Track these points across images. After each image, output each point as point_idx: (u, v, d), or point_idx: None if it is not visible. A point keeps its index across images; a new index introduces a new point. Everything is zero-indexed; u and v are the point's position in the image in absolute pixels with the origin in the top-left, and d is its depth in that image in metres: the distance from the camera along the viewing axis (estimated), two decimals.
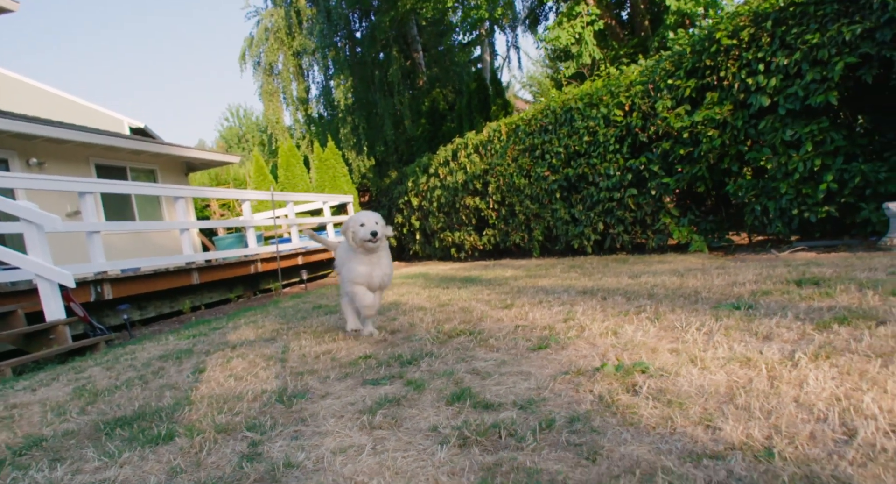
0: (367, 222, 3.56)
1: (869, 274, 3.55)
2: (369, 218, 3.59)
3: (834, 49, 5.63)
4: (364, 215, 3.61)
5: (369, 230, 3.50)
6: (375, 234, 3.49)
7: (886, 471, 1.20)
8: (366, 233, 3.50)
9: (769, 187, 6.59)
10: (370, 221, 3.57)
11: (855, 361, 1.87)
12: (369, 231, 3.50)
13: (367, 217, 3.59)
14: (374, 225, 3.54)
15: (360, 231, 3.54)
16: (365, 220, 3.56)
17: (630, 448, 1.48)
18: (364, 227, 3.54)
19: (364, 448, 1.73)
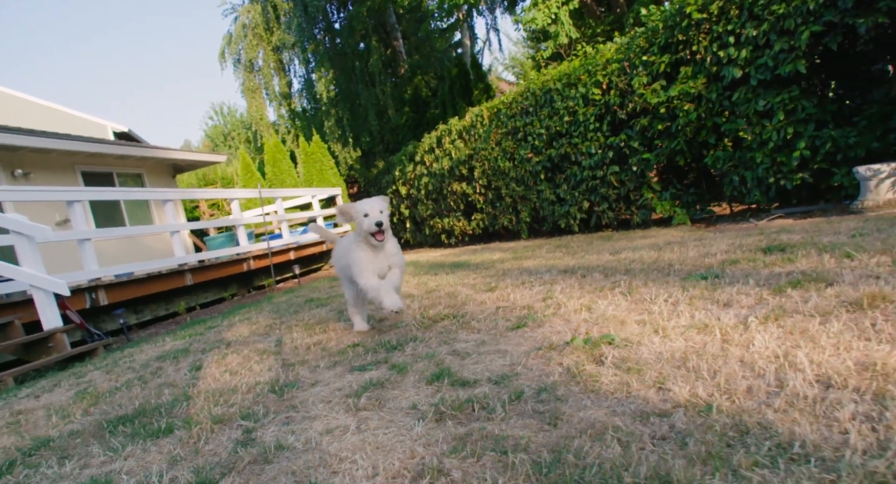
0: (370, 212, 3.22)
1: (832, 238, 3.70)
2: (373, 206, 3.24)
3: (800, 18, 5.74)
4: (367, 204, 3.25)
5: (374, 221, 3.18)
6: (381, 224, 3.17)
7: (802, 414, 1.34)
8: (370, 224, 3.18)
9: (745, 157, 6.72)
10: (374, 210, 3.22)
11: (799, 321, 2.02)
12: (374, 222, 3.17)
13: (370, 205, 3.24)
14: (379, 214, 3.22)
15: (364, 222, 3.22)
16: (368, 209, 3.22)
17: (589, 412, 1.62)
18: (368, 218, 3.21)
19: (349, 428, 1.87)
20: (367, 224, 3.21)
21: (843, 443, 1.19)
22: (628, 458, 1.31)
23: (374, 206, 3.25)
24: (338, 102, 15.62)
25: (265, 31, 16.36)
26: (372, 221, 3.18)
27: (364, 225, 3.23)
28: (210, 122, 31.59)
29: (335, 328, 3.94)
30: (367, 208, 3.23)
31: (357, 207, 3.26)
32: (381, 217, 3.21)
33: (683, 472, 1.19)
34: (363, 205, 3.26)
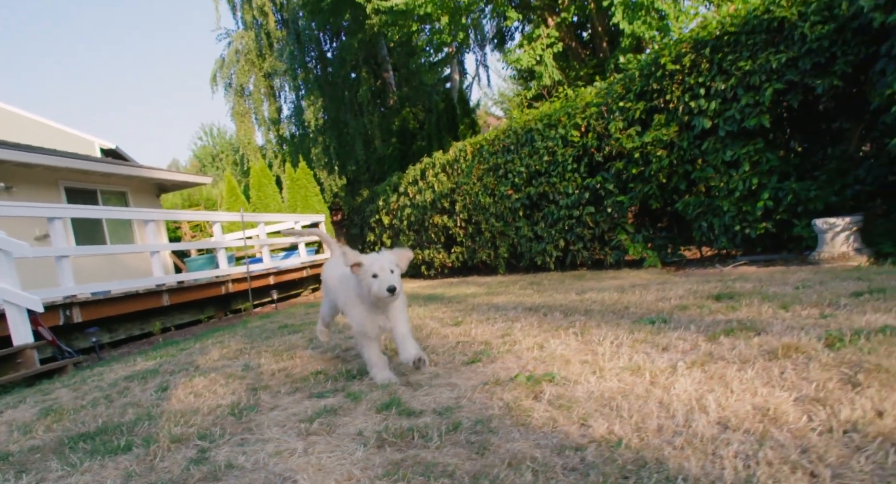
0: (380, 272, 2.68)
1: (779, 288, 3.91)
2: (383, 265, 2.71)
3: (764, 75, 6.08)
4: (375, 261, 2.73)
5: (386, 284, 2.64)
6: (394, 290, 2.64)
7: (695, 452, 1.50)
8: (381, 289, 2.65)
9: (714, 205, 6.99)
10: (385, 270, 2.69)
11: (720, 367, 2.19)
12: (386, 286, 2.64)
13: (379, 264, 2.71)
14: (391, 275, 2.69)
15: (373, 285, 2.68)
16: (377, 269, 2.69)
17: (515, 444, 1.77)
18: (378, 280, 2.67)
19: (297, 451, 2.00)
20: (376, 287, 2.67)
21: (719, 476, 1.35)
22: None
23: (385, 264, 2.71)
24: (326, 130, 15.92)
25: (257, 57, 16.71)
26: (383, 286, 2.64)
27: (373, 288, 2.69)
28: (199, 142, 31.83)
29: (302, 355, 4.05)
30: (375, 267, 2.70)
31: (364, 265, 2.74)
32: (393, 279, 2.67)
33: None
34: (372, 263, 2.73)
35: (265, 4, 15.73)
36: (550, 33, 10.89)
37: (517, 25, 14.63)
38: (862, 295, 3.17)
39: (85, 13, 73.49)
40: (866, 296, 3.13)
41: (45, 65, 74.16)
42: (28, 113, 15.03)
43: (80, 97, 79.41)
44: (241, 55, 17.06)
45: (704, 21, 6.89)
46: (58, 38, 74.34)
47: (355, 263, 2.77)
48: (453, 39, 11.52)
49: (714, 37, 6.55)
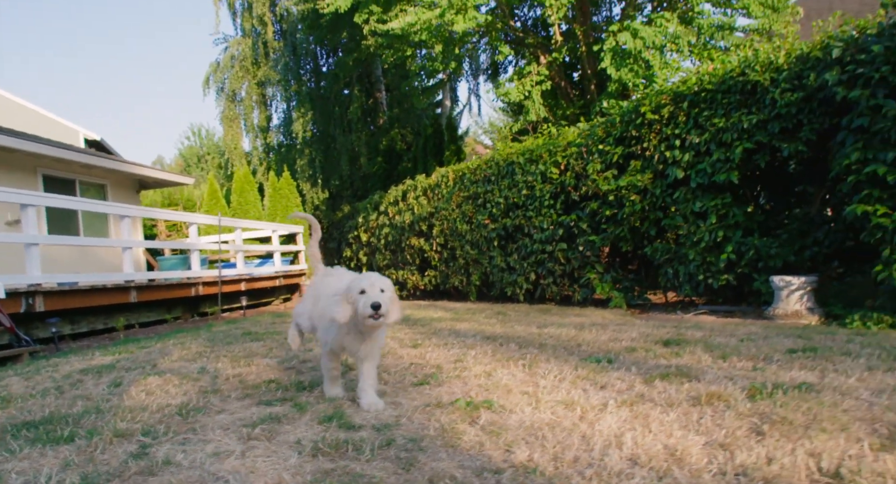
0: (368, 289, 2.56)
1: (725, 339, 4.08)
2: (373, 283, 2.60)
3: (735, 134, 6.35)
4: (366, 279, 2.62)
5: (371, 301, 2.50)
6: (378, 307, 2.49)
7: (600, 482, 1.62)
8: (365, 305, 2.51)
9: (680, 252, 7.21)
10: (374, 288, 2.57)
11: (647, 409, 2.32)
12: (370, 302, 2.50)
13: (369, 281, 2.60)
14: (380, 293, 2.56)
15: (360, 302, 2.55)
16: (366, 286, 2.57)
17: (440, 463, 1.87)
18: (364, 296, 2.55)
19: (234, 453, 2.08)
20: (361, 305, 2.53)
21: None
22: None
23: (375, 283, 2.60)
24: (313, 143, 16.06)
25: (252, 65, 16.89)
26: (368, 301, 2.50)
27: (359, 306, 2.55)
28: (186, 141, 31.79)
29: (259, 363, 4.11)
30: (364, 284, 2.59)
31: (353, 283, 2.63)
32: (381, 297, 2.54)
33: None
34: (361, 280, 2.63)
35: (265, 14, 15.98)
36: (541, 71, 11.21)
37: (511, 59, 15.00)
38: (796, 352, 3.34)
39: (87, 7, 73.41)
40: (799, 353, 3.30)
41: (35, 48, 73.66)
42: (13, 96, 14.95)
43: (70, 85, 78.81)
44: (237, 61, 17.23)
45: (686, 77, 7.18)
46: (53, 25, 74.00)
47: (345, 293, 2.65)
48: (445, 67, 11.79)
49: (692, 92, 6.83)
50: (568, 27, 12.44)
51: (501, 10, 11.51)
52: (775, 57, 6.12)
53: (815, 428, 1.94)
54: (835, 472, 1.59)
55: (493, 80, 17.39)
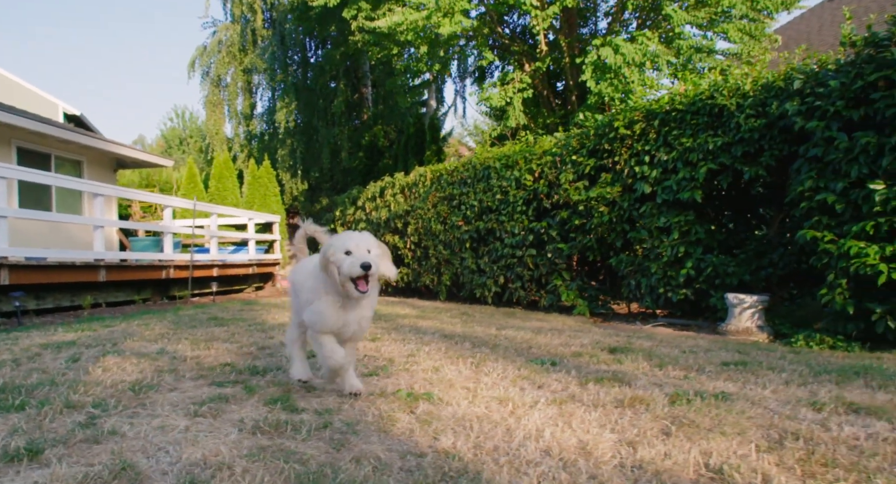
0: (354, 249, 2.39)
1: (669, 350, 4.28)
2: (358, 243, 2.43)
3: (701, 154, 6.57)
4: (349, 238, 2.44)
5: (359, 261, 2.32)
6: (368, 267, 2.33)
7: (510, 470, 1.78)
8: (352, 266, 2.34)
9: (643, 265, 7.42)
10: (360, 248, 2.41)
11: (574, 408, 2.48)
12: (359, 263, 2.32)
13: (354, 241, 2.43)
14: (367, 254, 2.40)
15: (344, 263, 2.37)
16: (352, 246, 2.40)
17: (370, 446, 2.01)
18: (351, 257, 2.37)
19: (178, 427, 2.20)
20: (347, 265, 2.35)
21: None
22: (368, 478, 1.70)
23: (360, 242, 2.42)
24: (295, 134, 16.08)
25: (240, 51, 16.84)
26: (356, 262, 2.32)
27: (344, 266, 2.36)
28: (169, 123, 31.50)
29: (219, 347, 4.21)
30: (349, 244, 2.41)
31: (335, 241, 2.45)
32: (369, 258, 2.36)
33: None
34: (344, 239, 2.44)
35: (255, 2, 15.96)
36: (523, 79, 11.39)
37: (497, 64, 15.16)
38: (728, 365, 3.54)
39: None
40: (731, 366, 3.50)
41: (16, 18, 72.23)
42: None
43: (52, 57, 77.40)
44: (224, 47, 17.16)
45: (660, 96, 7.40)
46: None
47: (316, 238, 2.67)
48: (429, 69, 11.93)
49: (664, 111, 7.05)
50: (555, 37, 12.65)
51: (490, 16, 11.68)
52: (742, 83, 6.36)
53: (716, 431, 2.12)
54: (718, 468, 1.76)
55: (479, 83, 17.54)
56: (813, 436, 2.05)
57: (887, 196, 4.88)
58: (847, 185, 5.22)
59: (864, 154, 5.08)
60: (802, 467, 1.76)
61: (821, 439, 2.02)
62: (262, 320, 6.09)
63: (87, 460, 1.85)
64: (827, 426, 2.17)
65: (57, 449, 1.94)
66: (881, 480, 1.65)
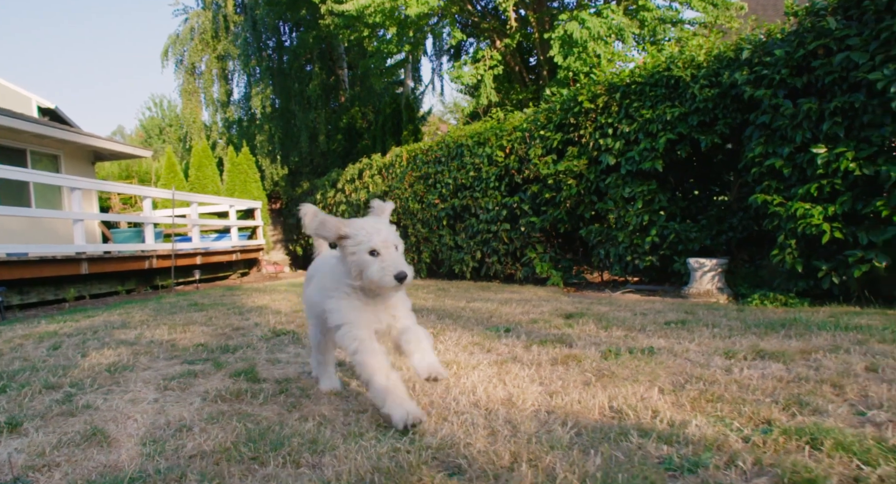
0: (381, 247, 1.97)
1: (622, 313, 4.54)
2: (386, 238, 2.00)
3: (660, 125, 6.77)
4: (373, 229, 2.00)
5: (392, 268, 1.93)
6: (404, 278, 1.93)
7: (438, 418, 2.02)
8: (383, 275, 1.94)
9: (611, 235, 7.67)
10: (388, 245, 2.00)
11: (511, 368, 2.73)
12: (393, 271, 1.92)
13: (379, 235, 1.99)
14: (394, 252, 2.01)
15: (372, 267, 1.95)
16: (378, 242, 1.97)
17: (320, 407, 2.25)
18: (380, 260, 1.96)
19: (149, 399, 2.42)
20: (376, 271, 1.94)
21: (438, 431, 1.86)
22: (312, 432, 1.93)
23: (388, 236, 2.01)
24: (273, 119, 16.09)
25: (212, 38, 16.73)
26: (388, 270, 1.93)
27: (372, 271, 1.95)
28: (147, 113, 31.22)
29: (195, 330, 4.42)
30: (375, 239, 1.97)
31: (356, 232, 2.00)
32: (398, 259, 1.98)
33: (329, 438, 1.82)
34: (367, 229, 2.00)
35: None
36: (494, 56, 11.50)
37: (472, 41, 15.20)
38: (670, 324, 3.80)
39: None
40: (672, 325, 3.76)
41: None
42: None
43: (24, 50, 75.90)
44: (196, 34, 17.03)
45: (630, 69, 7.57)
46: None
47: (341, 234, 2.01)
48: (398, 50, 11.99)
49: (625, 84, 7.23)
50: (525, 13, 12.72)
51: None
52: (697, 54, 6.55)
53: (630, 380, 2.37)
54: (619, 409, 2.00)
55: (455, 61, 17.56)
56: (713, 379, 2.31)
57: (828, 159, 5.12)
58: (793, 149, 5.46)
59: (808, 120, 5.31)
60: (692, 404, 2.01)
61: (718, 381, 2.27)
62: (240, 304, 6.30)
63: (62, 430, 2.07)
64: (730, 370, 2.43)
65: (35, 422, 2.16)
66: (748, 408, 1.90)
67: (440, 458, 1.66)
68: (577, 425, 1.86)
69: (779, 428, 1.67)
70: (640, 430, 1.77)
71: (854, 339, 2.95)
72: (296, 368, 2.98)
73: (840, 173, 5.08)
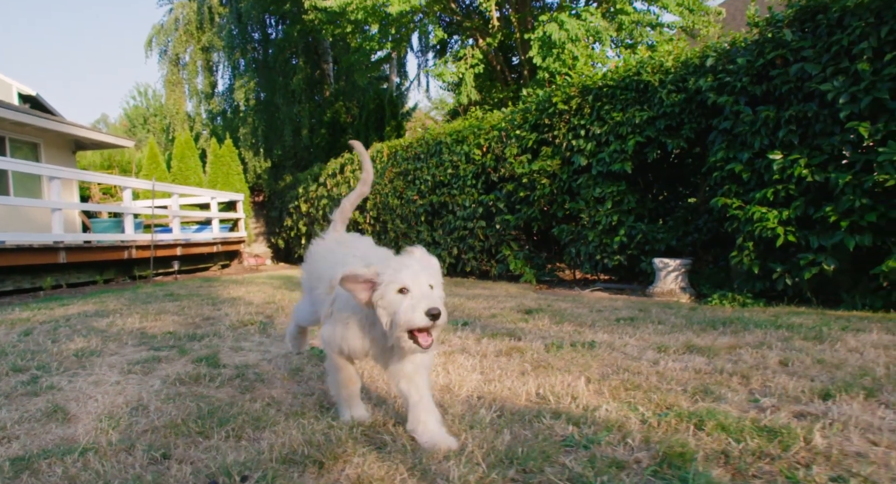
0: (412, 285, 1.68)
1: (580, 310, 4.73)
2: (417, 274, 1.71)
3: (630, 128, 6.97)
4: (405, 267, 1.72)
5: (424, 305, 1.63)
6: (437, 316, 1.63)
7: (387, 405, 2.19)
8: (411, 316, 1.64)
9: (582, 234, 7.86)
10: (421, 283, 1.70)
11: (460, 359, 2.90)
12: (424, 308, 1.62)
13: (411, 272, 1.70)
14: (429, 292, 1.70)
15: (401, 309, 1.66)
16: (408, 280, 1.69)
17: (272, 390, 2.41)
18: (409, 298, 1.67)
19: (111, 382, 2.57)
20: (404, 314, 1.65)
21: (382, 415, 2.03)
22: (259, 411, 2.09)
23: (421, 273, 1.72)
24: (257, 111, 16.14)
25: (197, 29, 16.71)
26: (419, 306, 1.63)
27: (399, 313, 1.66)
28: (132, 101, 31.05)
29: (166, 319, 4.55)
30: (405, 277, 1.69)
31: (382, 271, 1.72)
32: (435, 299, 1.68)
33: (273, 417, 1.98)
34: (398, 269, 1.71)
35: None
36: (475, 55, 11.66)
37: (457, 39, 15.32)
38: (620, 320, 4.00)
39: None
40: (622, 321, 3.96)
41: None
42: None
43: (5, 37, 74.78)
44: (181, 25, 16.99)
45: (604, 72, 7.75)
46: None
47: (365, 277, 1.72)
48: (381, 47, 12.10)
49: (597, 87, 7.42)
50: (508, 13, 12.87)
51: None
52: (665, 60, 6.75)
53: (563, 370, 2.55)
54: (543, 396, 2.18)
55: (441, 57, 17.67)
56: (638, 370, 2.50)
57: (783, 165, 5.34)
58: (751, 155, 5.68)
59: (765, 127, 5.54)
60: (611, 392, 2.20)
61: (642, 372, 2.46)
62: (215, 295, 6.42)
63: (25, 408, 2.21)
64: (656, 363, 2.62)
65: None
66: (658, 395, 2.09)
67: (369, 435, 1.83)
68: (502, 409, 2.04)
69: (675, 412, 1.86)
70: (554, 413, 1.95)
71: (781, 336, 3.15)
72: (256, 355, 3.13)
73: (794, 179, 5.31)
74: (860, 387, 2.08)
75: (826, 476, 1.39)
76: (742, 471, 1.45)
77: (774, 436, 1.62)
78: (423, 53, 18.60)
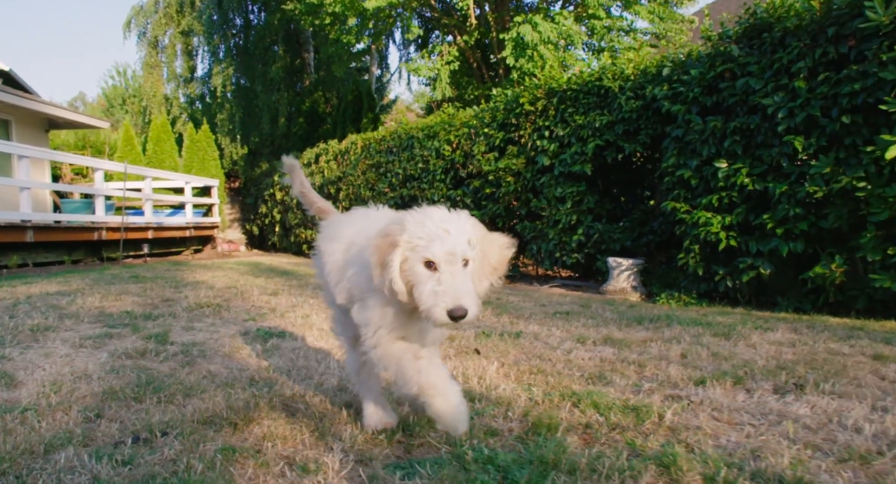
0: (443, 261, 1.45)
1: (527, 304, 4.98)
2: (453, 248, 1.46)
3: (590, 131, 7.22)
4: (437, 239, 1.46)
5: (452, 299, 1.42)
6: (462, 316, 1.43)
7: (305, 377, 2.40)
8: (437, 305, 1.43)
9: (543, 232, 8.12)
10: (454, 261, 1.46)
11: None
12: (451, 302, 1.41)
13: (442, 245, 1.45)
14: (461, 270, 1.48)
15: (425, 285, 1.45)
16: (437, 253, 1.45)
17: (210, 365, 2.60)
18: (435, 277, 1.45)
19: (62, 354, 2.74)
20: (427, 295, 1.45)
21: (302, 389, 2.24)
22: (193, 382, 2.28)
23: (457, 246, 1.47)
24: (235, 98, 16.15)
25: (177, 12, 16.63)
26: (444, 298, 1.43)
27: (423, 293, 1.45)
28: (111, 81, 30.67)
29: (126, 299, 4.70)
30: (436, 247, 1.45)
31: (413, 230, 1.48)
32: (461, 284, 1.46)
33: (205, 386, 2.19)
34: (427, 227, 1.48)
35: None
36: (451, 52, 11.84)
37: (437, 34, 15.47)
38: (557, 314, 4.25)
39: None
40: (558, 315, 4.21)
41: None
42: None
43: None
44: (161, 7, 16.88)
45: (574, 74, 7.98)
46: None
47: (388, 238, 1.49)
48: (358, 40, 12.23)
49: (562, 90, 7.66)
50: (486, 11, 13.06)
51: None
52: (626, 67, 7.01)
53: (483, 356, 2.78)
54: (454, 376, 2.41)
55: (423, 50, 17.79)
56: (549, 358, 2.74)
57: (728, 173, 5.63)
58: (700, 162, 5.96)
59: (713, 136, 5.82)
60: (517, 375, 2.43)
61: (552, 360, 2.70)
62: (180, 279, 6.56)
63: None
64: (569, 352, 2.87)
65: None
66: (556, 379, 2.33)
67: (287, 403, 2.04)
68: None
69: (560, 392, 2.10)
70: None
71: (695, 332, 3.42)
72: (205, 335, 3.32)
73: (737, 187, 5.60)
74: (733, 376, 2.33)
75: (658, 443, 1.63)
76: (596, 439, 1.69)
77: (635, 413, 1.87)
78: (405, 46, 18.71)
